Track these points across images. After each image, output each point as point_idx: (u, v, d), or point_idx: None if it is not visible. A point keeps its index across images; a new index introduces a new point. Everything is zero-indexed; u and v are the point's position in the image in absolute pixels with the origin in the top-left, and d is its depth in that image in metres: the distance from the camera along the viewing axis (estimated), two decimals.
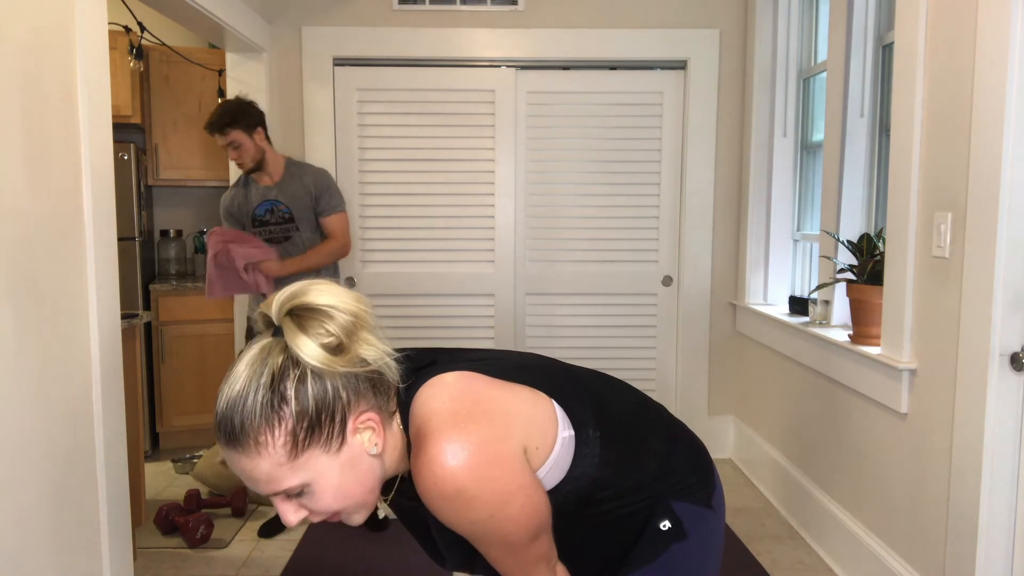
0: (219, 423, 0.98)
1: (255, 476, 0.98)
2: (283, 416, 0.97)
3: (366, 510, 1.07)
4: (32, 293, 1.85)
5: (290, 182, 3.06)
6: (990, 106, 1.98)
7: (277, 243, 3.04)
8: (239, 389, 0.97)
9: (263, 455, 0.97)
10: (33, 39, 1.86)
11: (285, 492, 1.00)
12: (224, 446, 0.99)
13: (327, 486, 1.00)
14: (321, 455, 0.99)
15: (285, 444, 0.97)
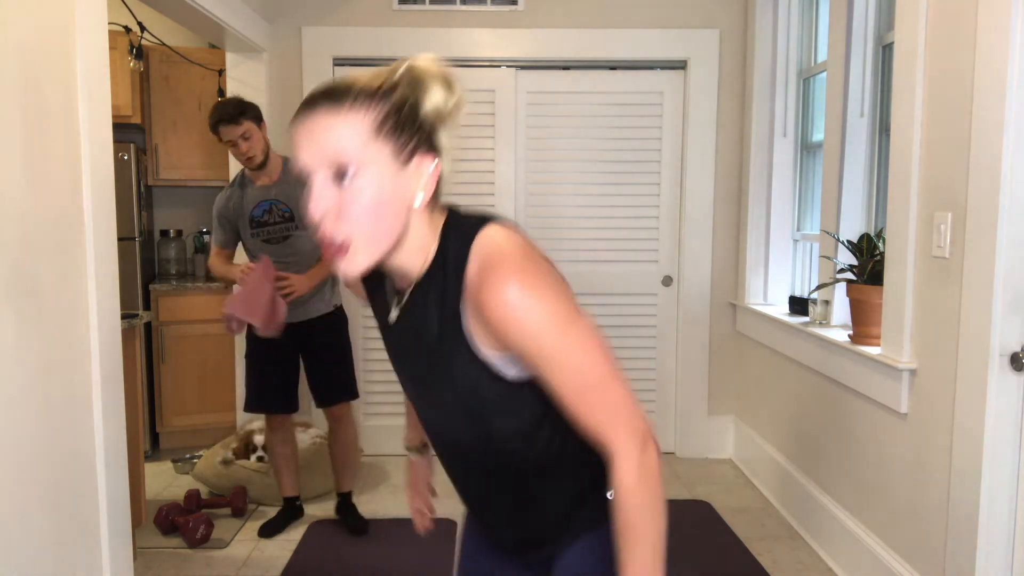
0: (321, 89, 1.03)
1: (330, 135, 1.00)
2: (384, 102, 1.03)
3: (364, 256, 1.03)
4: (32, 293, 1.85)
5: (289, 181, 3.05)
6: (990, 106, 1.98)
7: (275, 243, 3.02)
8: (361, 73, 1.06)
9: (349, 116, 1.00)
10: (33, 39, 1.86)
11: (340, 165, 0.99)
12: (314, 104, 1.02)
13: (373, 187, 1.00)
14: (387, 157, 1.02)
15: (371, 121, 1.01)
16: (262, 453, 3.51)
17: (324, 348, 3.13)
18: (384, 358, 4.09)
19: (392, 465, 4.02)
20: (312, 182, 1.01)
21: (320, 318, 3.10)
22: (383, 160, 1.02)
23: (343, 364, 3.18)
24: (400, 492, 3.65)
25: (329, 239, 1.02)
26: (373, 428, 4.15)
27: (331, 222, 1.01)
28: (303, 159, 1.02)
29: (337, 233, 1.01)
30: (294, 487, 3.28)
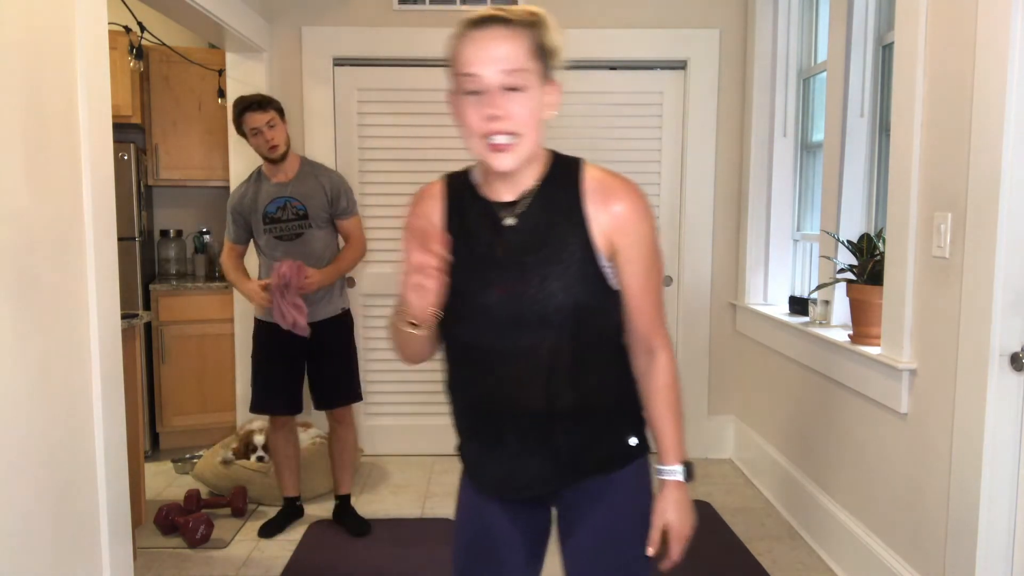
0: (485, 14, 1.26)
1: (504, 48, 1.24)
2: (533, 30, 1.29)
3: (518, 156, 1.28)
4: (32, 293, 1.85)
5: (305, 180, 3.05)
6: (990, 106, 1.98)
7: (287, 241, 3.01)
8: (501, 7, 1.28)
9: (518, 36, 1.25)
10: (33, 39, 1.86)
11: (517, 74, 1.24)
12: (486, 23, 1.24)
13: (534, 98, 1.28)
14: (537, 75, 1.29)
15: (530, 43, 1.27)
16: (262, 453, 3.51)
17: (330, 351, 3.13)
18: (384, 358, 4.09)
19: (392, 465, 4.02)
20: (486, 90, 1.23)
21: (327, 320, 3.10)
22: (536, 77, 1.28)
23: (348, 367, 3.19)
24: (400, 492, 3.65)
25: (501, 131, 1.25)
26: (373, 428, 4.15)
27: (500, 124, 1.24)
28: (476, 68, 1.22)
29: (503, 133, 1.25)
30: (295, 487, 3.28)
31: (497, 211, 1.35)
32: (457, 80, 1.26)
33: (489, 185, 1.37)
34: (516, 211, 1.33)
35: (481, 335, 1.32)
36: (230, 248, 3.14)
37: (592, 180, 1.37)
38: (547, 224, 1.32)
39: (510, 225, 1.33)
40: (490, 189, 1.37)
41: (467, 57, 1.24)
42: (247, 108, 2.94)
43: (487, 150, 1.27)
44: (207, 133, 4.29)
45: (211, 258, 4.54)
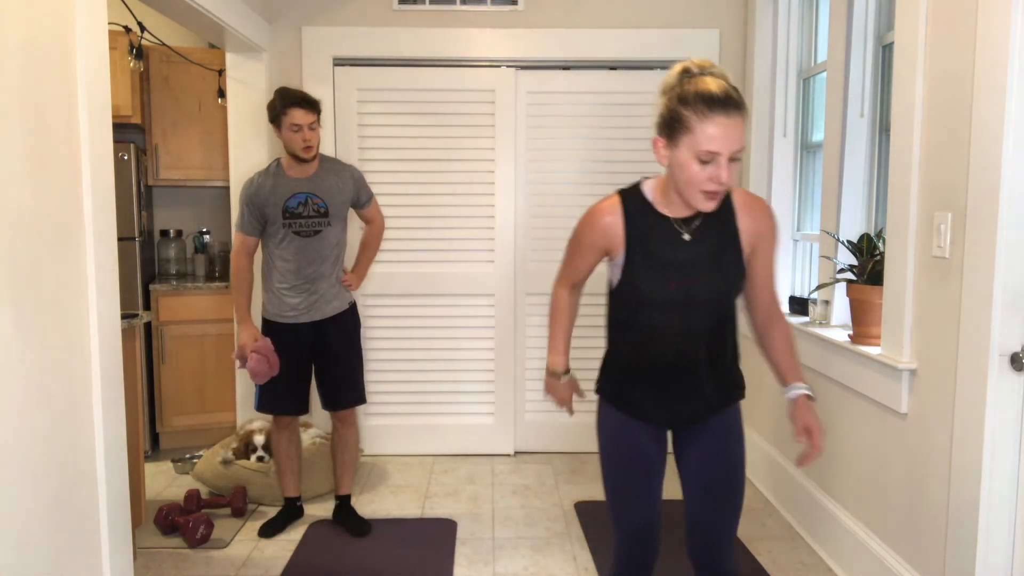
0: (727, 94, 1.61)
1: (739, 132, 1.62)
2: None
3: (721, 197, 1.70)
4: (32, 293, 1.85)
5: (326, 177, 3.05)
6: (990, 106, 1.98)
7: (305, 236, 3.01)
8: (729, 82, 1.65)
9: (743, 121, 1.63)
10: (33, 39, 1.86)
11: (738, 151, 1.63)
12: (737, 108, 1.61)
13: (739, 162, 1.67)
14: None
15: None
16: (262, 453, 3.51)
17: (337, 352, 3.13)
18: (384, 358, 4.10)
19: (392, 465, 4.02)
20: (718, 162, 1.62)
21: (336, 317, 3.11)
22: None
23: (354, 369, 3.19)
24: (400, 492, 3.65)
25: (719, 192, 1.66)
26: (373, 428, 4.16)
27: (724, 185, 1.64)
28: (720, 148, 1.61)
29: (721, 188, 1.65)
30: (296, 487, 3.28)
31: (677, 226, 1.80)
32: (694, 146, 1.64)
33: (669, 205, 1.81)
34: (691, 227, 1.79)
35: (658, 317, 1.80)
36: (242, 243, 3.07)
37: (739, 200, 1.82)
38: (713, 238, 1.79)
39: (686, 239, 1.79)
40: (669, 209, 1.81)
41: (711, 136, 1.61)
42: (296, 103, 2.93)
43: (702, 197, 1.68)
44: (207, 133, 4.29)
45: (211, 258, 4.54)
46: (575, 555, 3.00)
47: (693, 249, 1.78)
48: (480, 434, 4.18)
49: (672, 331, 1.81)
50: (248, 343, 3.01)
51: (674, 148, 1.70)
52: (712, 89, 1.60)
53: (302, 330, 3.07)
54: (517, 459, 4.13)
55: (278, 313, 3.06)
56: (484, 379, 4.16)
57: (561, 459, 4.12)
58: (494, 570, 2.87)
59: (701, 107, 1.60)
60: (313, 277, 3.04)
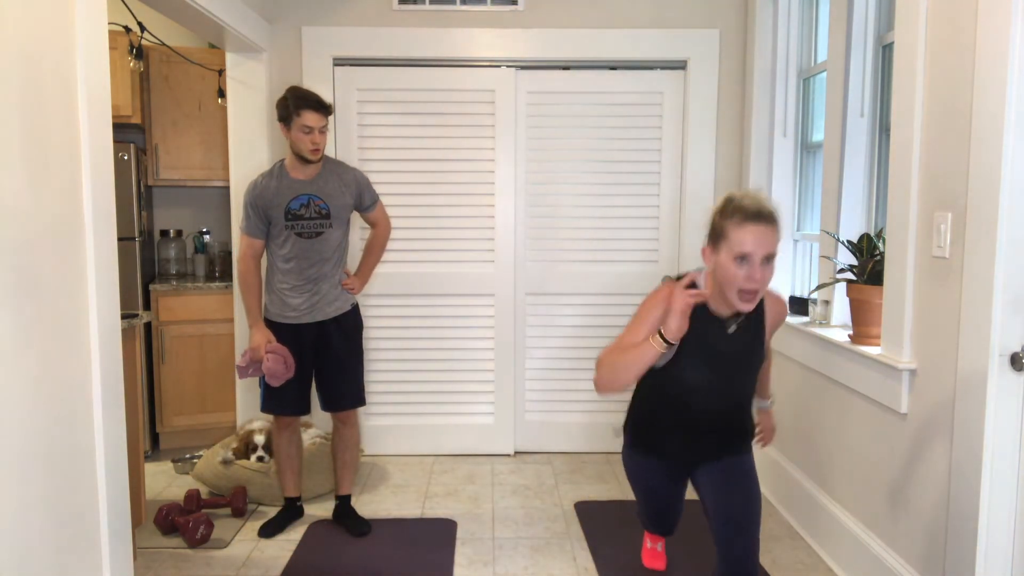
0: (760, 210, 1.98)
1: (773, 239, 1.98)
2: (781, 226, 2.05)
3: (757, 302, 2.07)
4: (32, 293, 1.85)
5: (329, 179, 3.05)
6: (990, 106, 1.98)
7: (307, 238, 3.01)
8: (765, 196, 2.09)
9: (778, 231, 2.00)
10: (33, 39, 1.86)
11: (772, 255, 1.99)
12: (770, 220, 1.99)
13: (776, 267, 2.04)
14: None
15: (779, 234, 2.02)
16: (262, 453, 3.51)
17: (339, 352, 3.13)
18: (384, 359, 4.10)
19: (392, 465, 4.02)
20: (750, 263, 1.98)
21: (338, 318, 3.12)
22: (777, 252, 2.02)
23: (355, 371, 3.19)
24: (400, 492, 3.65)
25: (756, 291, 2.00)
26: (373, 428, 4.16)
27: (759, 284, 1.98)
28: (753, 250, 1.97)
29: (760, 287, 1.99)
30: (296, 488, 3.28)
31: (723, 322, 2.16)
32: (731, 249, 1.99)
33: (716, 304, 2.14)
34: (736, 323, 2.16)
35: (697, 388, 2.20)
36: (248, 245, 3.05)
37: (767, 297, 2.23)
38: (750, 334, 2.19)
39: (730, 333, 2.16)
40: (717, 308, 2.15)
41: (743, 239, 1.97)
42: (309, 105, 2.92)
43: (739, 298, 2.02)
44: (207, 133, 4.29)
45: (211, 258, 4.54)
46: (575, 555, 3.00)
47: (735, 342, 2.17)
48: (480, 434, 4.18)
49: (706, 399, 2.23)
50: (262, 344, 3.01)
51: (716, 254, 2.05)
52: (747, 204, 2.00)
53: (304, 331, 3.07)
54: (517, 459, 4.13)
55: (280, 314, 3.06)
56: (484, 379, 4.16)
57: (561, 459, 4.12)
58: (494, 570, 2.87)
59: (737, 217, 1.99)
60: (315, 278, 3.04)
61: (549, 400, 4.19)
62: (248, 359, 3.05)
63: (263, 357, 3.01)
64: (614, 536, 3.11)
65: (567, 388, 4.17)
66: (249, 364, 3.05)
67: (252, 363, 3.05)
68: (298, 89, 2.99)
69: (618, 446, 4.19)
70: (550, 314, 4.14)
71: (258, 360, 3.02)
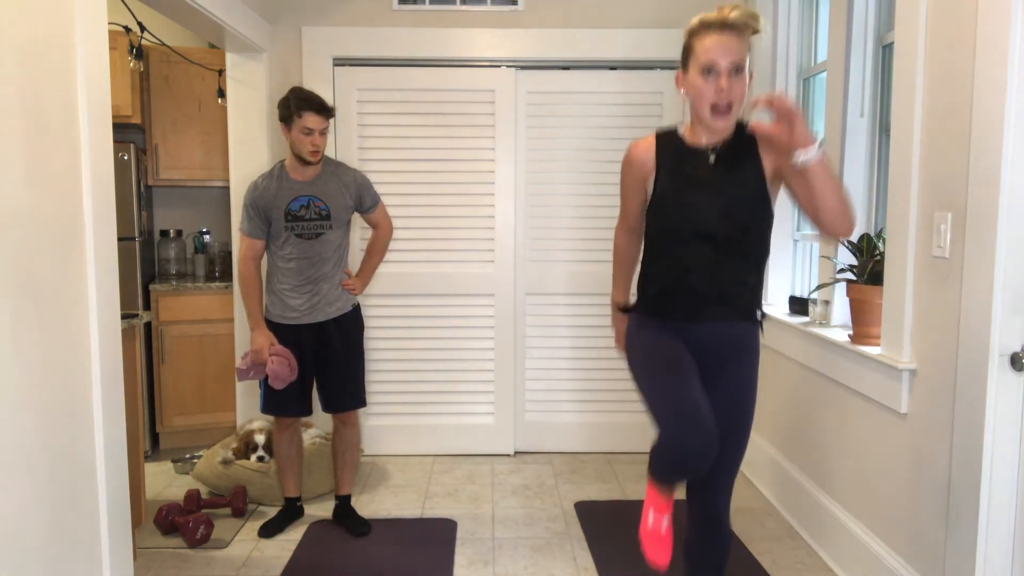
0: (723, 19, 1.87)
1: (737, 46, 1.88)
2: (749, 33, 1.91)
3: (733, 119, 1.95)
4: (32, 293, 1.85)
5: (328, 180, 3.05)
6: (990, 106, 1.98)
7: (307, 239, 3.01)
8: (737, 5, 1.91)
9: (744, 38, 1.89)
10: (33, 40, 1.86)
11: (739, 64, 1.88)
12: (729, 27, 1.87)
13: (746, 79, 1.92)
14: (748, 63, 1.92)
15: (747, 42, 1.91)
16: (262, 453, 3.51)
17: (340, 353, 3.13)
18: (385, 359, 4.10)
19: (392, 465, 4.02)
20: (716, 73, 1.88)
21: (339, 319, 3.12)
22: (747, 64, 1.91)
23: (355, 371, 3.19)
24: (400, 492, 3.65)
25: (726, 104, 1.89)
26: (373, 428, 4.16)
27: (728, 94, 1.88)
28: (716, 57, 1.86)
29: (729, 102, 1.89)
30: (297, 488, 3.28)
31: (703, 153, 2.02)
32: (696, 63, 1.90)
33: (696, 137, 2.03)
34: (716, 152, 2.01)
35: (690, 227, 2.00)
36: (249, 247, 3.05)
37: (760, 135, 2.00)
38: (736, 162, 2.00)
39: (711, 162, 2.01)
40: (696, 140, 2.03)
41: (707, 47, 1.88)
42: (311, 107, 2.92)
43: (712, 115, 1.91)
44: (207, 133, 4.29)
45: (211, 258, 4.54)
46: (575, 555, 3.00)
47: (717, 170, 2.01)
48: (480, 434, 4.18)
49: (705, 242, 2.01)
50: (265, 346, 3.01)
51: (686, 74, 1.96)
52: (709, 16, 1.90)
53: (304, 331, 3.07)
54: (517, 459, 4.13)
55: (280, 315, 3.06)
56: (484, 379, 4.16)
57: (561, 459, 4.12)
58: (494, 570, 2.87)
59: (700, 30, 1.91)
60: (315, 279, 3.05)
61: (549, 400, 4.19)
62: (249, 362, 3.04)
63: (266, 360, 3.00)
64: (614, 536, 3.12)
65: (567, 388, 4.17)
66: (250, 367, 3.04)
67: (254, 366, 3.04)
68: (300, 90, 2.99)
69: (619, 446, 4.19)
70: (550, 314, 4.14)
71: (260, 363, 3.02)
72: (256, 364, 3.03)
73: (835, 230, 1.97)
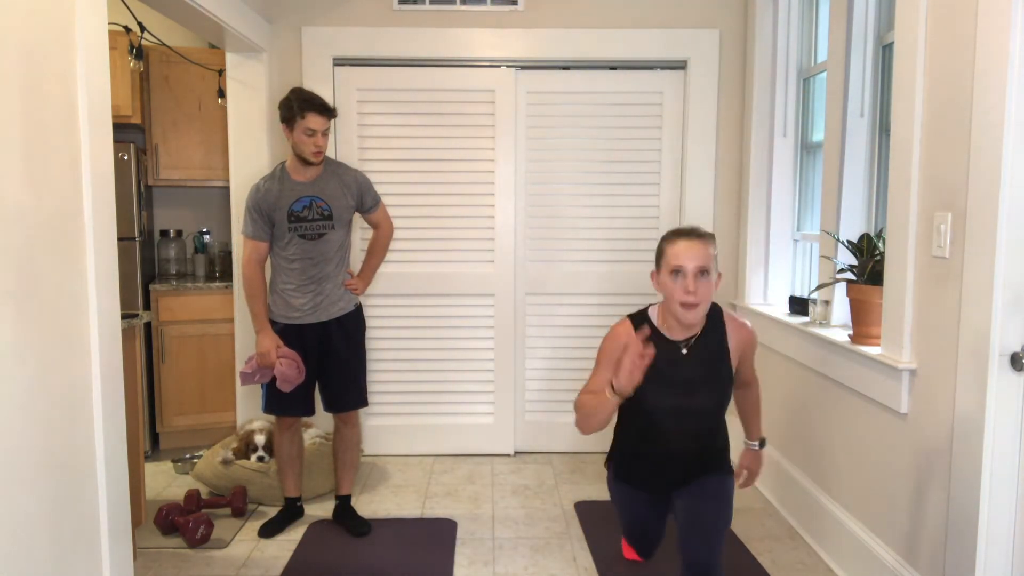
0: (691, 228, 2.27)
1: (705, 252, 2.20)
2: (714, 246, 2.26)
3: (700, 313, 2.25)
4: (32, 293, 1.85)
5: (330, 180, 3.05)
6: (990, 106, 1.98)
7: (310, 240, 3.01)
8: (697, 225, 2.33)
9: (711, 246, 2.23)
10: (33, 39, 1.86)
11: (705, 268, 2.19)
12: (699, 236, 2.24)
13: (712, 282, 2.24)
14: (714, 267, 2.25)
15: (713, 250, 2.24)
16: (262, 453, 3.51)
17: (342, 353, 3.13)
18: (384, 359, 4.10)
19: (392, 465, 4.02)
20: (684, 275, 2.20)
21: (341, 318, 3.12)
22: (714, 268, 2.24)
23: (357, 371, 3.19)
24: (400, 492, 3.65)
25: (693, 303, 2.20)
26: (373, 428, 4.16)
27: (694, 295, 2.19)
28: (683, 261, 2.20)
29: (696, 299, 2.19)
30: (297, 488, 3.28)
31: (677, 345, 2.33)
32: (666, 265, 2.23)
33: (670, 329, 2.34)
34: (688, 344, 2.33)
35: (662, 417, 2.34)
36: (253, 249, 3.03)
37: (728, 323, 2.38)
38: (707, 354, 2.32)
39: (684, 353, 2.32)
40: (670, 332, 2.34)
41: (676, 253, 2.21)
42: (313, 108, 2.91)
43: (681, 309, 2.21)
44: (207, 133, 4.29)
45: (211, 258, 4.54)
46: (575, 555, 3.00)
47: (690, 364, 2.32)
48: (480, 434, 4.18)
49: (670, 432, 2.36)
50: (272, 349, 3.01)
51: (659, 274, 2.28)
52: (680, 227, 2.30)
53: (307, 331, 3.08)
54: (517, 459, 4.13)
55: (283, 314, 3.07)
56: (484, 379, 4.16)
57: (561, 459, 4.12)
58: (494, 570, 2.87)
59: (671, 237, 2.26)
60: (318, 278, 3.05)
61: (549, 400, 4.19)
62: (255, 365, 3.03)
63: (273, 362, 3.00)
64: (614, 536, 3.11)
65: (567, 388, 4.17)
66: (256, 370, 3.03)
67: (259, 369, 3.03)
68: (302, 91, 2.99)
69: None
70: (550, 314, 4.14)
71: (268, 365, 3.01)
72: (262, 367, 3.02)
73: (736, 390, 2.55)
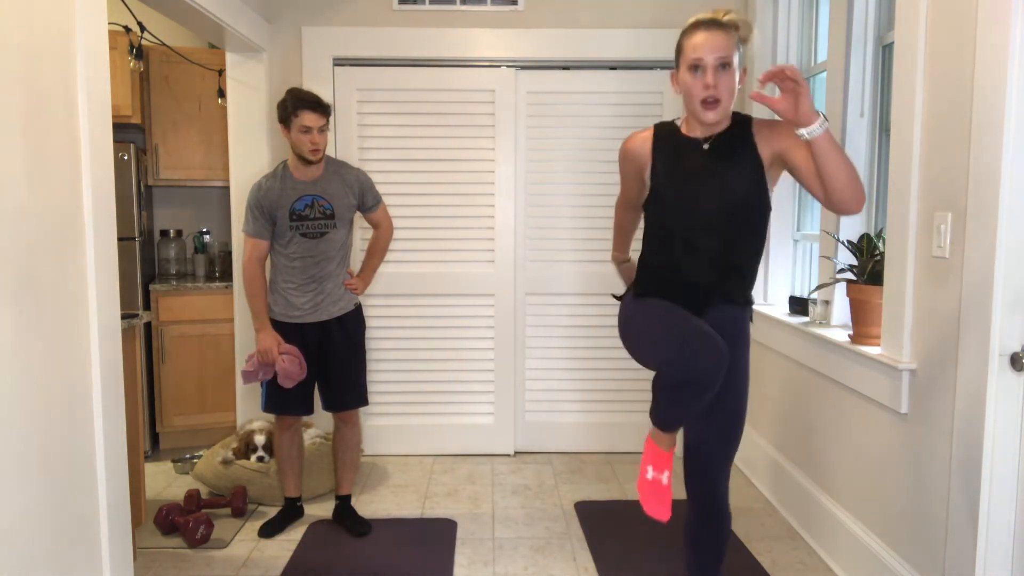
0: (711, 17, 1.96)
1: (724, 43, 1.93)
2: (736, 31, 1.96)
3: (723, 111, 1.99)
4: (32, 293, 1.85)
5: (332, 179, 3.05)
6: (990, 106, 1.98)
7: (312, 239, 3.01)
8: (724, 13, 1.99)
9: (732, 36, 1.94)
10: (33, 40, 1.86)
11: (726, 60, 1.93)
12: (717, 26, 1.94)
13: (734, 75, 1.96)
14: (736, 60, 1.96)
15: (735, 40, 1.95)
16: (262, 453, 3.51)
17: (342, 352, 3.13)
18: (385, 359, 4.10)
19: (392, 465, 4.02)
20: (703, 69, 1.94)
21: (342, 318, 3.12)
22: (735, 61, 1.96)
23: (357, 370, 3.20)
24: (400, 492, 3.65)
25: (713, 98, 1.94)
26: (373, 428, 4.16)
27: (715, 90, 1.93)
28: (702, 53, 1.93)
29: (716, 95, 1.94)
30: (297, 488, 3.28)
31: (698, 142, 2.07)
32: (685, 61, 1.98)
33: (692, 130, 2.10)
34: (711, 140, 2.06)
35: (686, 218, 2.05)
36: (254, 247, 3.03)
37: (758, 125, 2.06)
38: (730, 150, 2.04)
39: (705, 148, 2.06)
40: (692, 132, 2.10)
41: (694, 45, 1.95)
42: (307, 105, 2.92)
43: (702, 108, 1.97)
44: (207, 133, 4.29)
45: (211, 258, 4.54)
46: (575, 555, 3.00)
47: (712, 159, 2.05)
48: (480, 434, 4.18)
49: (699, 231, 2.05)
50: (273, 347, 3.01)
51: (678, 73, 2.03)
52: (698, 17, 1.99)
53: (308, 330, 3.08)
54: (517, 459, 4.13)
55: (284, 313, 3.07)
56: (484, 379, 4.16)
57: (561, 459, 4.12)
58: (494, 570, 2.87)
59: (689, 29, 1.99)
60: (320, 277, 3.05)
61: (549, 400, 4.19)
62: (256, 363, 3.03)
63: (275, 359, 3.00)
64: (614, 536, 3.12)
65: (567, 388, 4.17)
66: (258, 368, 3.03)
67: (261, 367, 3.03)
68: (296, 90, 3.00)
69: (619, 446, 4.19)
70: (550, 314, 4.14)
71: (269, 363, 3.02)
72: (264, 365, 3.03)
73: (846, 207, 1.88)
